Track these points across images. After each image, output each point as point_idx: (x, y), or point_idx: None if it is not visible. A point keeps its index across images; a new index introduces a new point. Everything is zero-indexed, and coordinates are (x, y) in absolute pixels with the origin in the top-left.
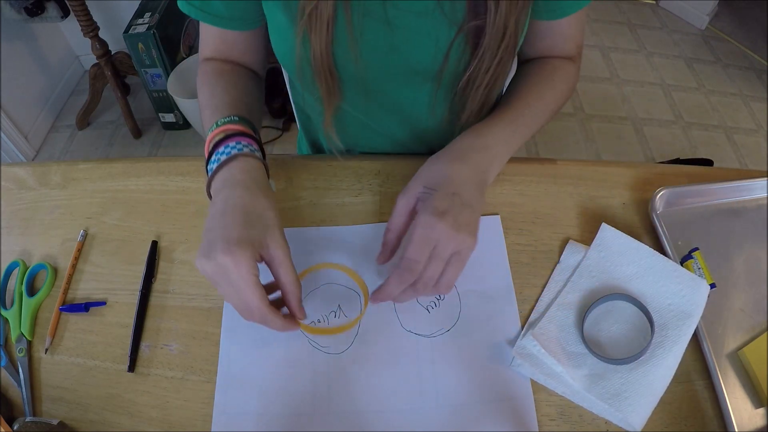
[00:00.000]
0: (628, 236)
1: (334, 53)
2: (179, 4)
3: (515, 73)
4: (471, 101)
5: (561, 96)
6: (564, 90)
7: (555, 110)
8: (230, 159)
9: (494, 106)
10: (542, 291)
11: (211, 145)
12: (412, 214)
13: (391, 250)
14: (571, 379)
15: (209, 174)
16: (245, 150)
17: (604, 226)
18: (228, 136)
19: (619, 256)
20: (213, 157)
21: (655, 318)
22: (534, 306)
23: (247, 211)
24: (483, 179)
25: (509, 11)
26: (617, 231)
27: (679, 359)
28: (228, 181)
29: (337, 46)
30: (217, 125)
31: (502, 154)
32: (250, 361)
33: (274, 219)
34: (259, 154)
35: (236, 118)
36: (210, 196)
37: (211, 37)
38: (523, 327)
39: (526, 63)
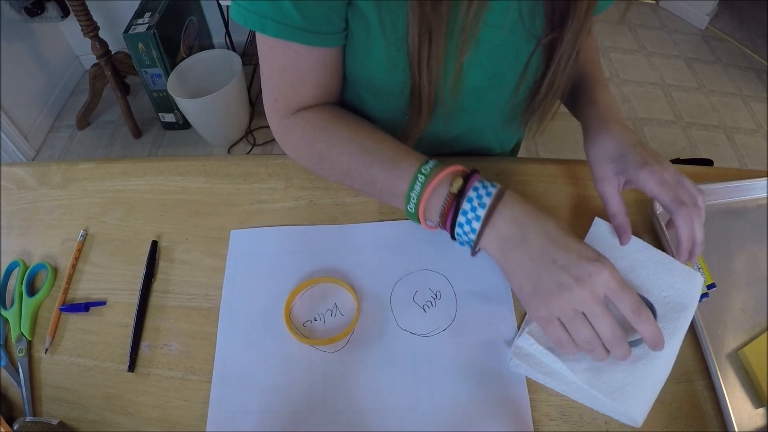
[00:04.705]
0: None
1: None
2: (252, 26)
3: None
4: (551, 99)
5: (600, 59)
6: (599, 55)
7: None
8: (498, 199)
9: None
10: None
11: (444, 194)
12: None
13: (629, 229)
14: (572, 373)
15: (475, 220)
16: (498, 186)
17: (597, 220)
18: (464, 178)
19: (613, 250)
20: (466, 206)
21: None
22: None
23: (567, 231)
24: (628, 126)
25: (585, 21)
26: (610, 225)
27: (676, 352)
28: (526, 215)
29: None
30: (425, 175)
31: (615, 103)
32: (246, 359)
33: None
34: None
35: (436, 161)
36: (475, 249)
37: (308, 71)
38: (519, 326)
39: None
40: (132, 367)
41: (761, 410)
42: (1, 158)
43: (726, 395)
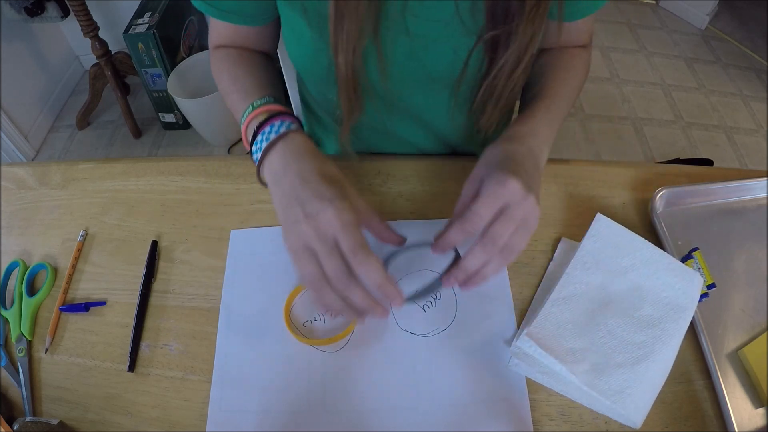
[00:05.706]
0: (622, 227)
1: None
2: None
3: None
4: (491, 107)
5: (580, 82)
6: (582, 77)
7: (577, 96)
8: (281, 137)
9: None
10: (537, 289)
11: (255, 125)
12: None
13: (446, 244)
14: (572, 374)
15: (259, 151)
16: (293, 127)
17: (598, 216)
18: (272, 116)
19: (613, 248)
20: (259, 137)
21: (652, 311)
22: (529, 305)
23: (324, 174)
24: (537, 162)
25: (537, 25)
26: (611, 221)
27: (675, 353)
28: (293, 154)
29: (362, 59)
30: (254, 107)
31: (548, 139)
32: (246, 359)
33: (344, 178)
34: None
35: (271, 99)
36: (259, 176)
37: (223, 29)
38: (519, 326)
39: (541, 52)
40: (132, 367)
41: (761, 410)
42: (1, 158)
43: (726, 395)
